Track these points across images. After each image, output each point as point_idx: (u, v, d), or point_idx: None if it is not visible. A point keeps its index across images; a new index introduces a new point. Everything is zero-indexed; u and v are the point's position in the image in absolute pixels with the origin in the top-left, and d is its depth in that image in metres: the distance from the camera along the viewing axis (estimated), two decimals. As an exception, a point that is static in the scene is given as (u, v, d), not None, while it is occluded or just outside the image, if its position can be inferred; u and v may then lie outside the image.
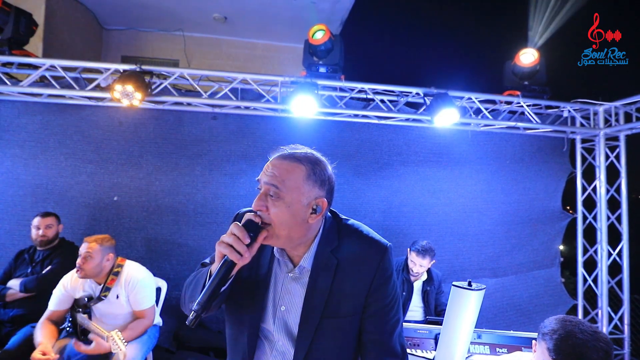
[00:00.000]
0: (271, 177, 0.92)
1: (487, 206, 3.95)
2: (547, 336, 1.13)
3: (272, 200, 0.91)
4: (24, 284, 2.53)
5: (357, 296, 1.00)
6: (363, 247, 1.01)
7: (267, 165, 0.96)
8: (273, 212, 0.91)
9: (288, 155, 0.96)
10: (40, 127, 3.28)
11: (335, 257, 1.00)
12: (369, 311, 1.01)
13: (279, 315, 1.02)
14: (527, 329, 3.72)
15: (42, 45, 4.17)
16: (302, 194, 0.93)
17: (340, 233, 1.03)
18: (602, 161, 3.80)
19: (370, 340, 1.02)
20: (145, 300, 2.30)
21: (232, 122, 3.55)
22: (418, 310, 2.93)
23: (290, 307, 1.01)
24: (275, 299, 1.02)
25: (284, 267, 1.03)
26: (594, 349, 1.03)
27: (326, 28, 3.10)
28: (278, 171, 0.93)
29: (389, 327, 1.03)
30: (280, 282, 1.03)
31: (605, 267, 3.80)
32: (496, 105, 3.67)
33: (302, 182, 0.93)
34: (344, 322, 1.00)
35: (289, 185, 0.92)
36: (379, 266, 1.00)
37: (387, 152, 3.81)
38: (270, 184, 0.91)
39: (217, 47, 5.76)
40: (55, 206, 3.21)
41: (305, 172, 0.94)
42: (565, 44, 4.49)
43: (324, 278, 0.99)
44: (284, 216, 0.91)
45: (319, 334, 0.98)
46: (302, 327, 0.99)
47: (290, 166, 0.94)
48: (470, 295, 1.33)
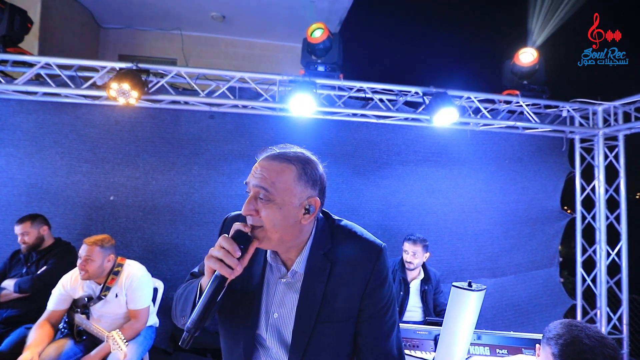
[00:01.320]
0: (260, 180, 0.88)
1: (486, 206, 3.95)
2: (552, 341, 1.10)
3: (263, 203, 0.87)
4: (19, 284, 2.50)
5: (352, 300, 0.97)
6: (357, 249, 0.98)
7: (256, 166, 0.92)
8: (264, 214, 0.87)
9: (277, 156, 0.92)
10: (36, 126, 3.25)
11: (328, 260, 0.96)
12: (364, 315, 0.98)
13: (272, 322, 0.99)
14: (526, 329, 3.72)
15: (37, 43, 4.13)
16: (294, 194, 0.89)
17: (333, 235, 1.00)
18: (601, 161, 3.80)
19: (366, 344, 0.99)
20: (141, 299, 2.28)
21: (229, 121, 3.53)
22: (417, 311, 2.92)
23: (283, 314, 0.99)
24: (268, 306, 1.00)
25: (276, 272, 1.01)
26: (601, 355, 1.00)
27: (325, 27, 3.08)
28: (267, 173, 0.88)
29: (385, 330, 1.00)
30: (273, 288, 1.00)
31: (604, 267, 3.80)
32: (495, 105, 3.66)
33: (293, 183, 0.89)
34: (339, 327, 0.97)
35: (280, 187, 0.88)
36: (374, 268, 0.96)
37: (385, 152, 3.79)
38: (259, 187, 0.87)
39: (215, 46, 5.74)
40: (50, 206, 3.18)
41: (296, 172, 0.90)
42: (565, 44, 4.49)
43: (318, 283, 0.96)
44: (275, 218, 0.88)
45: (314, 341, 0.95)
46: (296, 334, 0.96)
47: (280, 167, 0.90)
48: (470, 296, 1.31)
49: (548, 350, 1.11)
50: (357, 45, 11.86)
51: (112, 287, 2.25)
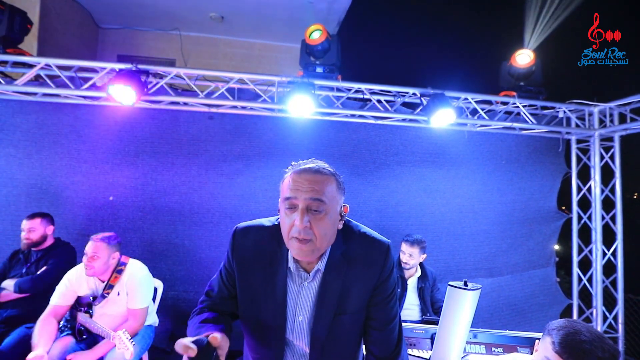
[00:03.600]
0: (314, 192, 0.94)
1: (483, 206, 3.98)
2: (554, 331, 1.12)
3: (315, 215, 0.93)
4: (19, 284, 2.50)
5: (365, 292, 1.06)
6: (368, 249, 1.06)
7: (298, 181, 0.96)
8: (318, 225, 0.93)
9: (317, 169, 0.99)
10: (35, 126, 3.26)
11: (345, 258, 1.04)
12: (373, 301, 1.09)
13: (297, 324, 1.07)
14: (523, 328, 3.75)
15: (36, 43, 4.14)
16: (338, 203, 1.00)
17: (346, 235, 1.08)
18: (597, 161, 3.84)
19: (374, 327, 1.10)
20: (140, 299, 2.29)
21: (228, 122, 3.54)
22: (414, 308, 2.94)
23: (306, 315, 1.06)
24: (293, 310, 1.06)
25: (297, 278, 1.06)
26: (600, 349, 1.03)
27: (323, 28, 3.10)
28: (318, 185, 0.95)
29: (391, 316, 1.11)
30: (295, 293, 1.06)
31: (599, 266, 3.83)
32: (492, 106, 3.68)
33: (336, 192, 0.99)
34: (355, 317, 1.07)
35: (330, 196, 0.96)
36: (384, 264, 1.06)
37: (383, 152, 3.82)
38: (314, 199, 0.93)
39: (213, 47, 5.74)
40: (49, 206, 3.18)
41: (336, 183, 1.00)
42: (561, 45, 4.52)
43: (336, 279, 1.04)
44: (327, 228, 0.95)
45: (333, 331, 1.04)
46: (316, 326, 1.04)
47: (324, 178, 0.97)
48: (466, 295, 1.33)
49: (548, 340, 1.13)
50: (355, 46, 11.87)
51: (115, 286, 2.26)
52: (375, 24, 14.48)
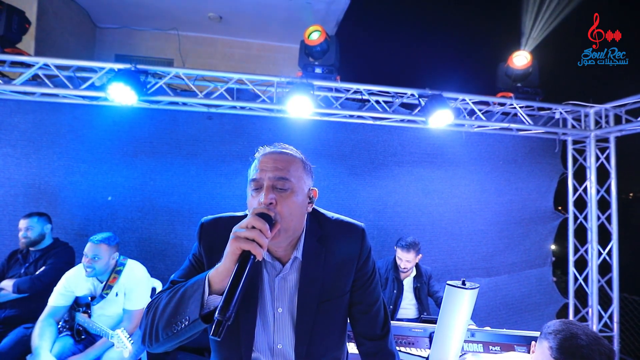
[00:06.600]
0: (277, 170, 0.93)
1: (481, 206, 4.00)
2: (551, 336, 1.13)
3: (280, 193, 0.92)
4: (18, 285, 2.49)
5: (348, 275, 1.06)
6: (345, 232, 1.07)
7: (263, 161, 0.95)
8: (283, 204, 0.91)
9: (281, 150, 0.99)
10: (33, 126, 3.25)
11: (322, 244, 1.03)
12: (357, 284, 1.09)
13: (277, 317, 1.02)
14: (520, 327, 3.77)
15: (33, 42, 4.12)
16: (305, 183, 0.98)
17: (320, 222, 1.07)
18: (592, 162, 3.87)
19: (361, 311, 1.12)
20: (137, 300, 2.29)
21: (227, 122, 3.55)
22: (411, 308, 2.96)
23: (286, 306, 1.03)
24: (272, 303, 1.02)
25: (271, 270, 1.02)
26: (597, 352, 1.04)
27: (322, 29, 3.11)
28: (281, 164, 0.94)
29: (375, 296, 1.13)
30: (272, 284, 1.02)
31: (595, 266, 3.87)
32: (489, 107, 3.71)
33: (302, 172, 0.98)
34: (339, 301, 1.06)
35: (295, 175, 0.95)
36: (362, 246, 1.07)
37: (382, 153, 3.83)
38: (278, 177, 0.92)
39: (212, 47, 5.74)
40: (48, 206, 3.18)
41: (302, 163, 1.00)
42: (558, 46, 4.55)
43: (316, 266, 1.02)
44: (293, 207, 0.93)
45: (319, 319, 1.02)
46: (301, 316, 1.01)
47: (289, 158, 0.97)
48: (464, 294, 1.35)
49: (545, 345, 1.14)
50: (353, 47, 11.91)
51: (114, 286, 2.26)
52: (374, 25, 14.54)
